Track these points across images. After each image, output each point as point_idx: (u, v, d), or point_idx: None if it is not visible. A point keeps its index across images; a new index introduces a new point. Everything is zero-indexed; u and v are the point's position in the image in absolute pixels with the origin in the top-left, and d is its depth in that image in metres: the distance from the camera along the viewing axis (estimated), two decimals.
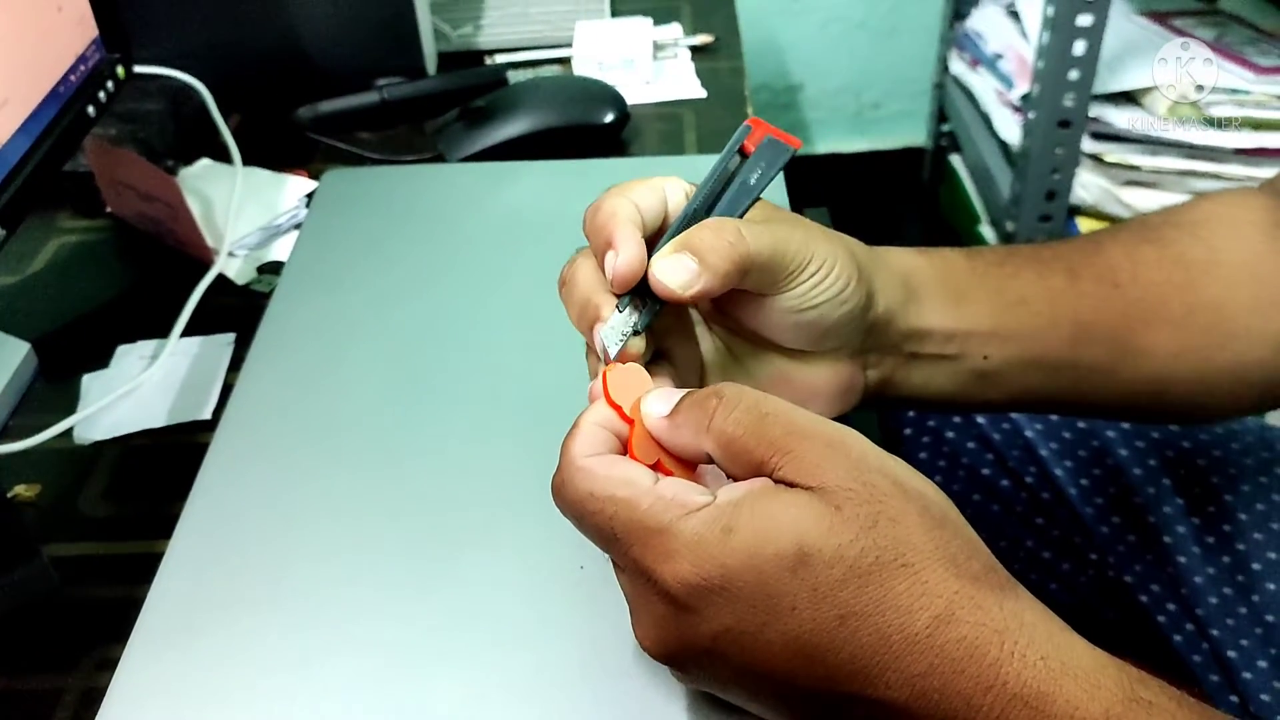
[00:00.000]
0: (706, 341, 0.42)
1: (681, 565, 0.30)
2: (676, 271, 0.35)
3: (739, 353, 0.42)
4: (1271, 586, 0.58)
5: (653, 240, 0.38)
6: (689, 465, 0.34)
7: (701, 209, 0.38)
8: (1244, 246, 0.46)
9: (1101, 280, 0.44)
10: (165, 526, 0.47)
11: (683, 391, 0.34)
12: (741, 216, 0.38)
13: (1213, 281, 0.45)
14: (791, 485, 0.31)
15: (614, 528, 0.32)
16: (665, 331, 0.40)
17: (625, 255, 0.36)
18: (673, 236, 0.37)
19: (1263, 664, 0.57)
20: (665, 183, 0.39)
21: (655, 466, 0.34)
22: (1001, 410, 0.46)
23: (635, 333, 0.37)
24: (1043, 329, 0.43)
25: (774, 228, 0.38)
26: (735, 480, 0.32)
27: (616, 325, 0.36)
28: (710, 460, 0.33)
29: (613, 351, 0.36)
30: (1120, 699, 0.29)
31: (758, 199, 0.39)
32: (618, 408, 0.35)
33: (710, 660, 0.31)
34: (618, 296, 0.37)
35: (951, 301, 0.42)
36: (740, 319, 0.40)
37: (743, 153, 0.39)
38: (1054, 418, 0.66)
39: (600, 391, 0.35)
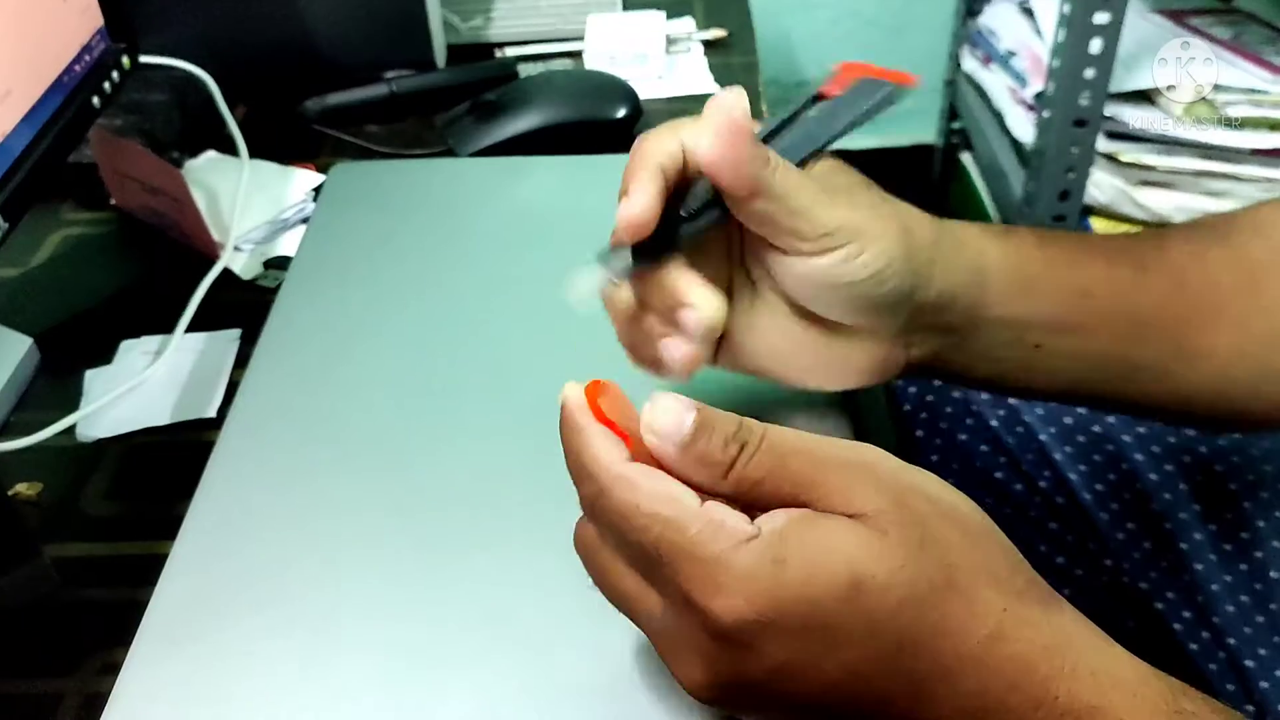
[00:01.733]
0: (741, 290, 0.41)
1: (735, 600, 0.28)
2: (691, 135, 0.36)
3: (775, 313, 0.40)
4: None
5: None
6: None
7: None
8: None
9: (1168, 278, 0.43)
10: (169, 527, 0.46)
11: (691, 410, 0.31)
12: (801, 165, 0.37)
13: (1275, 283, 0.44)
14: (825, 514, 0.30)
15: (660, 550, 0.29)
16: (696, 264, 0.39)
17: (633, 204, 0.36)
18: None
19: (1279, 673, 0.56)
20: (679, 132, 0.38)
21: None
22: (1043, 398, 0.45)
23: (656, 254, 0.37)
24: (1101, 324, 0.42)
25: (816, 186, 0.36)
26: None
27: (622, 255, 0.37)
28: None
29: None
30: (1165, 711, 0.29)
31: (825, 147, 0.37)
32: (609, 423, 0.32)
33: (764, 697, 0.30)
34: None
35: (1018, 291, 0.41)
36: (772, 274, 0.39)
37: (821, 97, 0.38)
38: (1068, 420, 0.65)
39: (575, 404, 0.32)
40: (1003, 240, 0.42)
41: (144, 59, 0.69)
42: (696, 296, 0.37)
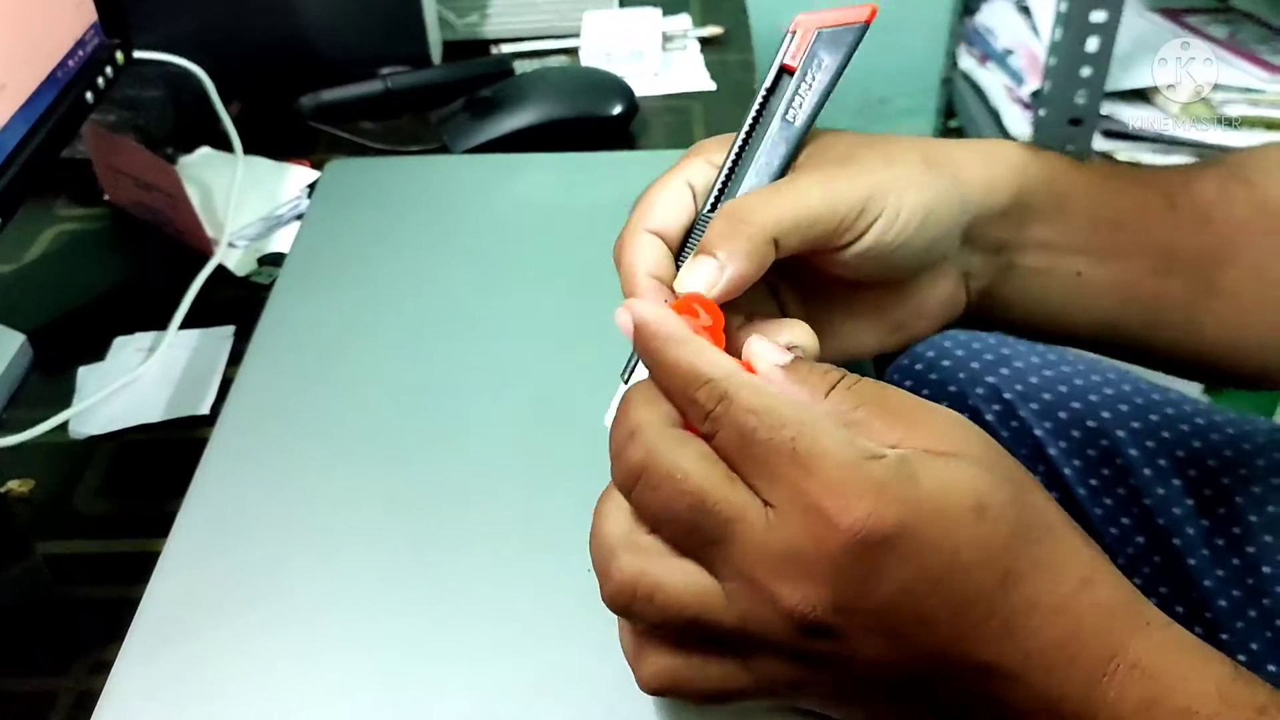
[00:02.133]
0: (792, 296, 0.40)
1: (874, 505, 0.27)
2: (697, 277, 0.33)
3: (826, 294, 0.39)
4: None
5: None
6: None
7: (732, 178, 0.36)
8: None
9: (1196, 213, 0.43)
10: (162, 524, 0.46)
11: (788, 354, 0.32)
12: (791, 162, 0.36)
13: None
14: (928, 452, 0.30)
15: (796, 449, 0.28)
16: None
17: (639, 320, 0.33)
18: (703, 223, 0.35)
19: (1273, 668, 0.57)
20: (688, 175, 0.37)
21: None
22: (1090, 347, 0.45)
23: None
24: (1133, 254, 0.42)
25: (822, 177, 0.35)
26: None
27: None
28: None
29: None
30: (1229, 674, 0.29)
31: (804, 136, 0.36)
32: (709, 328, 0.32)
33: (871, 628, 0.29)
34: None
35: (1053, 209, 0.40)
36: (817, 270, 0.38)
37: (787, 72, 0.35)
38: (1063, 415, 0.65)
39: (664, 316, 0.32)
40: (1035, 155, 0.41)
41: (138, 54, 0.69)
42: (790, 338, 0.35)
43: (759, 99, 0.36)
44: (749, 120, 0.36)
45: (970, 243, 0.39)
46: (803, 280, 0.39)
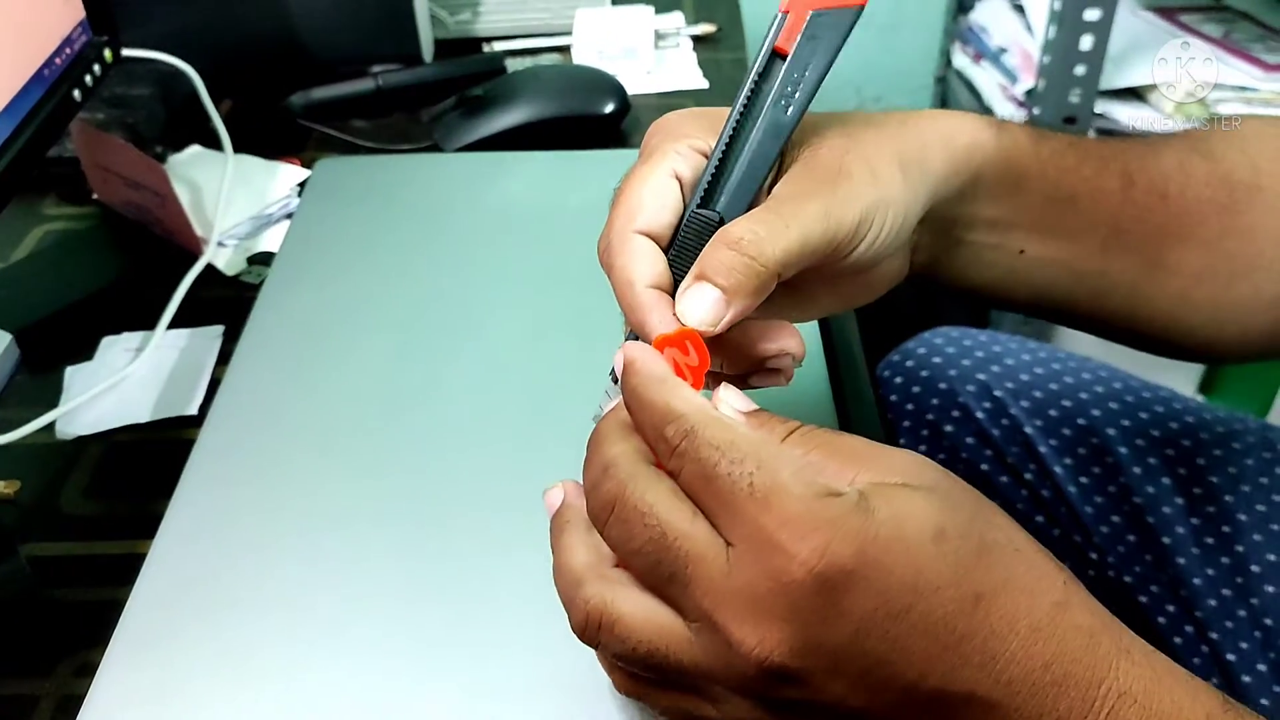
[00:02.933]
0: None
1: (830, 541, 0.27)
2: (699, 308, 0.32)
3: (802, 289, 0.39)
4: (1270, 589, 0.57)
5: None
6: None
7: (722, 170, 0.34)
8: None
9: (1152, 189, 0.43)
10: (149, 526, 0.46)
11: (752, 403, 0.33)
12: (778, 166, 0.34)
13: (1251, 206, 0.44)
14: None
15: (753, 486, 0.28)
16: None
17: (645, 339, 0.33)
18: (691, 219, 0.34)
19: (1262, 667, 0.57)
20: (673, 165, 0.35)
21: None
22: (1030, 313, 0.45)
23: None
24: (1082, 230, 0.42)
25: (822, 206, 0.33)
26: None
27: None
28: None
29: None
30: (1219, 703, 0.29)
31: (796, 126, 0.34)
32: (684, 370, 0.32)
33: (841, 660, 0.28)
34: None
35: (1007, 189, 0.40)
36: (809, 279, 0.37)
37: (779, 55, 0.33)
38: (1054, 413, 0.65)
39: (650, 357, 0.32)
40: (996, 133, 0.40)
41: (127, 52, 0.68)
42: (780, 347, 0.35)
43: (749, 83, 0.33)
44: (739, 106, 0.34)
45: (923, 222, 0.39)
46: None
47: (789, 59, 0.33)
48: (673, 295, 0.34)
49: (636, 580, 0.31)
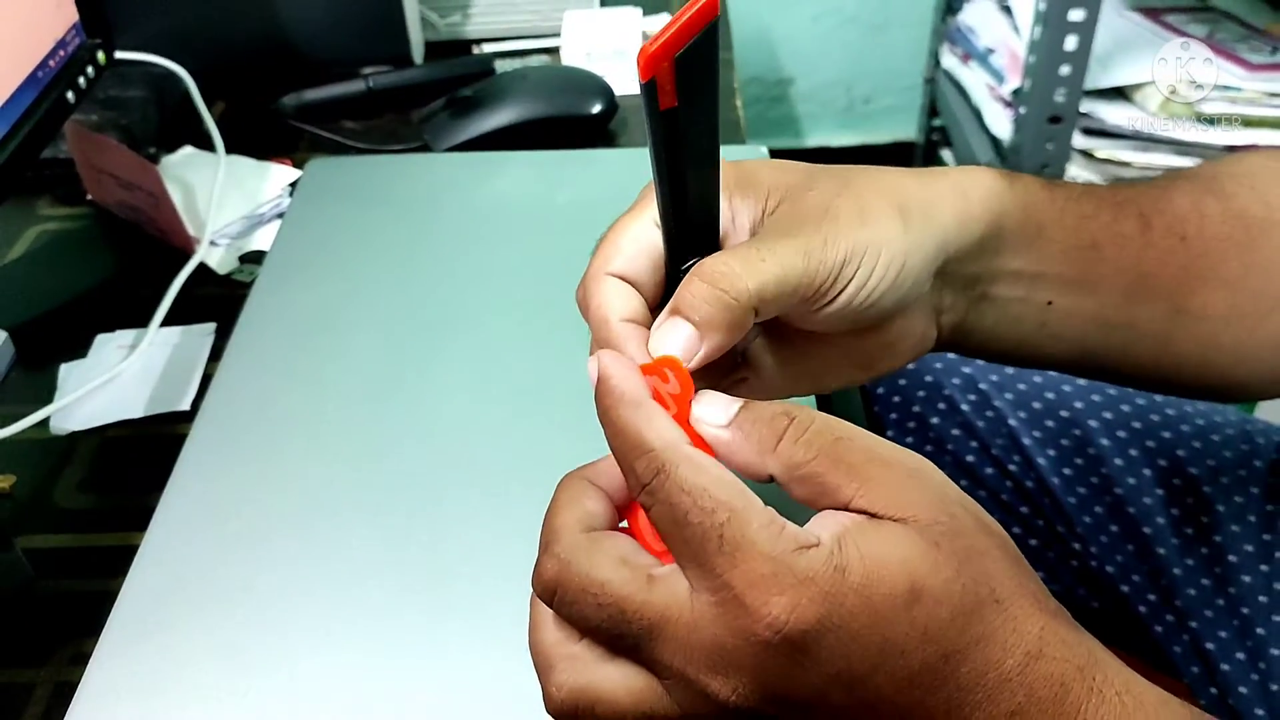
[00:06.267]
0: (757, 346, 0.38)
1: (798, 600, 0.27)
2: (672, 344, 0.32)
3: (791, 336, 0.37)
4: (1248, 579, 0.58)
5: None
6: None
7: (677, 220, 0.32)
8: None
9: (1170, 231, 0.42)
10: (141, 519, 0.46)
11: (737, 401, 0.31)
12: (764, 209, 0.33)
13: (1269, 242, 0.43)
14: (875, 516, 0.29)
15: (723, 538, 0.28)
16: None
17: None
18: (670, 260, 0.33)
19: (1240, 656, 0.57)
20: (654, 213, 0.34)
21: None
22: (1063, 370, 0.44)
23: None
24: (1107, 280, 0.41)
25: (802, 244, 0.33)
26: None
27: None
28: (769, 480, 0.31)
29: None
30: None
31: (715, 166, 0.32)
32: (661, 402, 0.31)
33: (809, 711, 0.29)
34: None
35: (1028, 238, 0.40)
36: (797, 324, 0.36)
37: (670, 111, 0.29)
38: (1037, 405, 0.66)
39: (627, 376, 0.31)
40: (1010, 183, 0.40)
41: (121, 55, 0.69)
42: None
43: (657, 153, 0.30)
44: (657, 174, 0.31)
45: (943, 279, 0.38)
46: (768, 323, 0.37)
47: (679, 111, 0.29)
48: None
49: (602, 649, 0.30)
